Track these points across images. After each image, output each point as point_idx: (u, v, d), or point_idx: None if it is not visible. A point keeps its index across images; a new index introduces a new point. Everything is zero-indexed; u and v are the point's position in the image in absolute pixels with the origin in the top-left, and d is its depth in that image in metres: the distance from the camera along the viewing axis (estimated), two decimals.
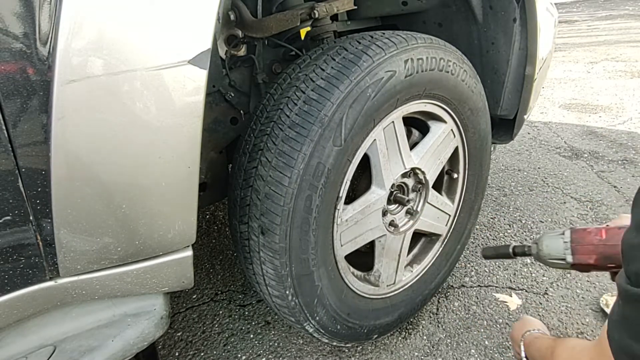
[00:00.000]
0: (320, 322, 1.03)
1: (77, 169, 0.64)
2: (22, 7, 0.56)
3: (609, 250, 0.76)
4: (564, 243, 0.83)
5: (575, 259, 0.81)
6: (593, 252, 0.79)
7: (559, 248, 0.84)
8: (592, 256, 0.79)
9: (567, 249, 0.82)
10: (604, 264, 0.78)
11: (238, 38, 1.15)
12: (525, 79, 1.32)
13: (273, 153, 0.88)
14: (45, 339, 0.77)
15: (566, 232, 0.84)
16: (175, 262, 0.80)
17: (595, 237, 0.79)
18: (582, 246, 0.80)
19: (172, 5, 0.63)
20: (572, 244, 0.81)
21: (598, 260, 0.78)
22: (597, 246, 0.78)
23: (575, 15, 9.60)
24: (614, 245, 0.75)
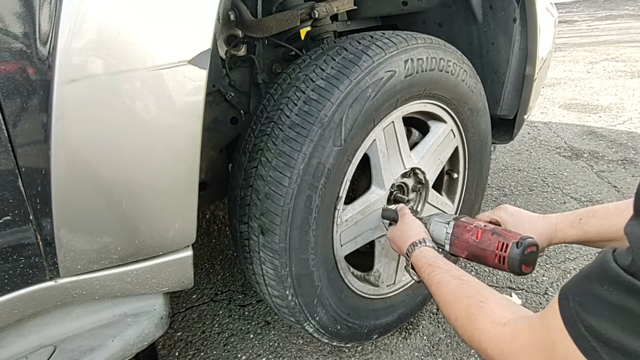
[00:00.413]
0: (320, 322, 1.03)
1: (77, 169, 0.64)
2: (22, 7, 0.57)
3: (478, 252, 0.85)
4: (446, 233, 0.92)
5: (451, 250, 0.91)
6: (465, 249, 0.88)
7: (440, 235, 0.93)
8: (464, 252, 0.88)
9: (447, 240, 0.91)
10: (472, 260, 0.89)
11: (238, 38, 1.15)
12: (525, 79, 1.32)
13: (273, 153, 0.88)
14: (45, 339, 0.77)
15: (451, 222, 0.92)
16: (175, 262, 0.80)
17: (471, 236, 0.87)
18: (459, 241, 0.89)
19: (172, 5, 0.63)
20: (452, 236, 0.90)
21: (468, 257, 0.88)
22: (470, 245, 0.87)
23: (575, 15, 9.60)
24: (483, 249, 0.84)
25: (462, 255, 0.90)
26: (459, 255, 0.91)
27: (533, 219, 0.88)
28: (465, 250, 0.88)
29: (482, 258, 0.85)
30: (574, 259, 1.58)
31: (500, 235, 0.83)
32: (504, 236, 0.82)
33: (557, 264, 1.55)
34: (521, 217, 0.89)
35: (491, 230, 0.85)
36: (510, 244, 0.79)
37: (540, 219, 0.87)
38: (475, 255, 0.87)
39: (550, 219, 0.86)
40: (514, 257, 0.79)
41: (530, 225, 0.86)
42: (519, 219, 0.89)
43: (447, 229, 0.92)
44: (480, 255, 0.85)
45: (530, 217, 0.89)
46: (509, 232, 0.83)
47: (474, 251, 0.86)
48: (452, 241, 0.91)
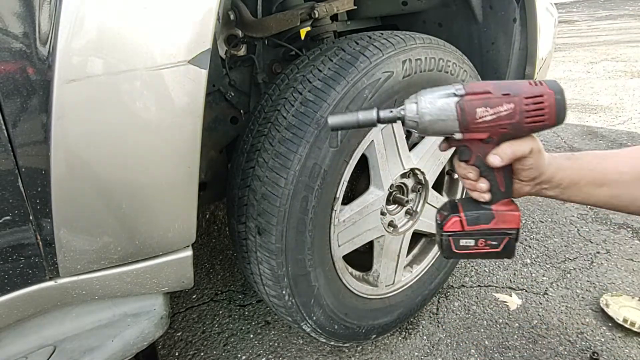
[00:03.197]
0: (318, 321, 1.03)
1: (77, 169, 0.64)
2: (22, 7, 0.57)
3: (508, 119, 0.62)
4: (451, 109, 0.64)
5: (466, 134, 0.65)
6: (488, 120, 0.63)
7: (447, 112, 0.64)
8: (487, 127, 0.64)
9: (455, 116, 0.63)
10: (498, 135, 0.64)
11: (238, 38, 1.15)
12: (525, 79, 1.32)
13: (270, 154, 0.88)
14: (45, 339, 0.77)
15: (451, 97, 0.67)
16: (175, 262, 0.80)
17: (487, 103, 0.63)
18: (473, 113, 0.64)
19: (172, 5, 0.63)
20: (462, 112, 0.63)
21: (493, 133, 0.65)
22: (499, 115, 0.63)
23: (575, 15, 9.60)
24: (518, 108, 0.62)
25: (482, 132, 0.63)
26: (476, 136, 0.64)
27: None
28: (488, 124, 0.62)
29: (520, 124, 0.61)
30: (574, 259, 1.58)
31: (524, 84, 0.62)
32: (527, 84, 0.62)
33: (557, 264, 1.56)
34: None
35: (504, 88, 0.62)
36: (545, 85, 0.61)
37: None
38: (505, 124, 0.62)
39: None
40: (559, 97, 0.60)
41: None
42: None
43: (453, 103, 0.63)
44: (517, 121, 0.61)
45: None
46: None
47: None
48: (467, 121, 0.62)
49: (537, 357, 1.18)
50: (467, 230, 0.70)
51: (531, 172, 0.67)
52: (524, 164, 0.66)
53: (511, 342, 1.23)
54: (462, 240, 0.71)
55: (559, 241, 1.70)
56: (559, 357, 1.17)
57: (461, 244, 0.71)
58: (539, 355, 1.18)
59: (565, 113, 0.63)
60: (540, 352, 1.19)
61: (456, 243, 0.71)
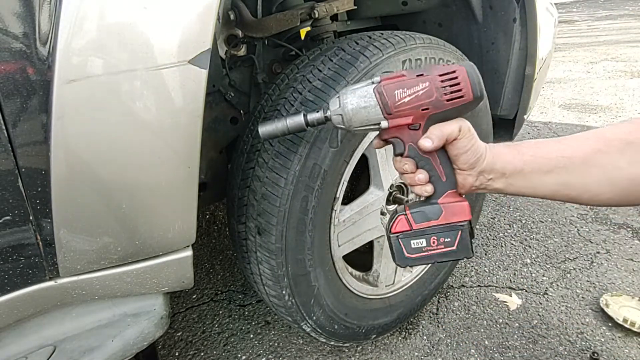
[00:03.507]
0: (318, 321, 1.03)
1: (77, 169, 0.64)
2: (22, 7, 0.57)
3: (426, 99, 0.63)
4: (371, 99, 0.66)
5: (391, 121, 0.65)
6: (407, 107, 0.64)
7: (366, 104, 0.65)
8: (408, 113, 0.65)
9: (375, 104, 0.65)
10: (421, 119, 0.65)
11: (238, 38, 1.15)
12: (525, 79, 1.32)
13: (269, 154, 0.88)
14: (45, 339, 0.77)
15: (369, 86, 0.67)
16: (175, 262, 0.80)
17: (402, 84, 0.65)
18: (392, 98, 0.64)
19: (172, 5, 0.63)
20: (381, 100, 0.65)
21: (415, 118, 0.65)
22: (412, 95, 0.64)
23: (575, 15, 9.61)
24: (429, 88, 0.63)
25: (405, 116, 0.64)
26: (400, 122, 0.64)
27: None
28: (409, 106, 0.63)
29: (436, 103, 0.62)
30: (574, 259, 1.58)
31: (437, 67, 0.64)
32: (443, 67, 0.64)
33: (557, 264, 1.56)
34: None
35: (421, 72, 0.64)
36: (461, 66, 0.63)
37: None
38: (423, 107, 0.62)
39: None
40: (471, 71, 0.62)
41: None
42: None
43: (370, 92, 0.64)
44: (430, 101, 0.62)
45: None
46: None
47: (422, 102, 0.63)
48: (387, 105, 0.63)
49: (537, 357, 1.18)
50: (415, 229, 0.67)
51: (468, 157, 0.65)
52: (458, 146, 0.65)
53: (511, 342, 1.23)
54: (413, 242, 0.68)
55: (559, 241, 1.70)
56: (559, 357, 1.17)
57: (413, 246, 0.68)
58: (539, 355, 1.18)
59: (480, 86, 0.63)
60: (540, 352, 1.19)
61: (407, 246, 0.68)
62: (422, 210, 0.67)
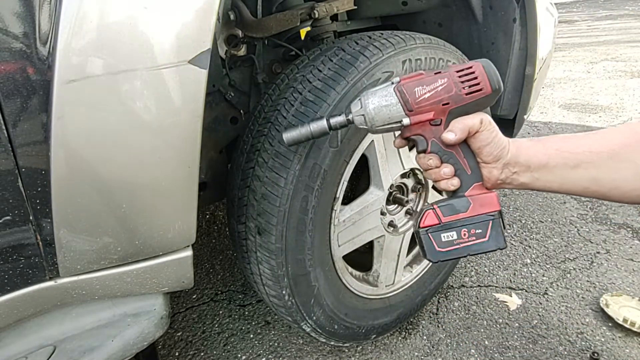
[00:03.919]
0: (318, 321, 1.03)
1: (77, 169, 0.64)
2: (22, 7, 0.57)
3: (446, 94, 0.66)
4: (393, 99, 0.68)
5: (413, 118, 0.67)
6: (429, 103, 0.67)
7: (389, 105, 0.68)
8: (430, 109, 0.67)
9: (399, 103, 0.67)
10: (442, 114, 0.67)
11: (238, 38, 1.15)
12: (525, 79, 1.32)
13: (270, 154, 0.88)
14: (45, 339, 0.77)
15: (389, 86, 0.70)
16: (175, 262, 0.80)
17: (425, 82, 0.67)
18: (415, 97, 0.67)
19: (172, 5, 0.63)
20: (403, 97, 0.68)
21: (437, 114, 0.67)
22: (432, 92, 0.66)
23: (575, 15, 9.61)
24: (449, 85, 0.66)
25: (427, 112, 0.66)
26: (422, 118, 0.66)
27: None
28: (429, 101, 0.65)
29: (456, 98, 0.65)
30: (574, 259, 1.58)
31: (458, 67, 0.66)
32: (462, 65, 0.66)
33: (557, 264, 1.56)
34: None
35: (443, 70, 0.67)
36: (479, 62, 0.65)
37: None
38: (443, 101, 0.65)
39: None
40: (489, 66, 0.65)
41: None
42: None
43: (392, 92, 0.67)
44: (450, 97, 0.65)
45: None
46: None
47: (441, 97, 0.65)
48: (408, 102, 0.65)
49: (537, 357, 1.18)
50: (444, 223, 0.67)
51: (491, 148, 0.65)
52: (480, 139, 0.65)
53: (511, 342, 1.23)
54: (444, 235, 0.67)
55: (559, 241, 1.70)
56: (559, 357, 1.17)
57: (443, 240, 0.67)
58: (539, 355, 1.18)
59: (497, 78, 0.65)
60: (540, 352, 1.19)
61: (437, 239, 0.67)
62: (450, 203, 0.67)
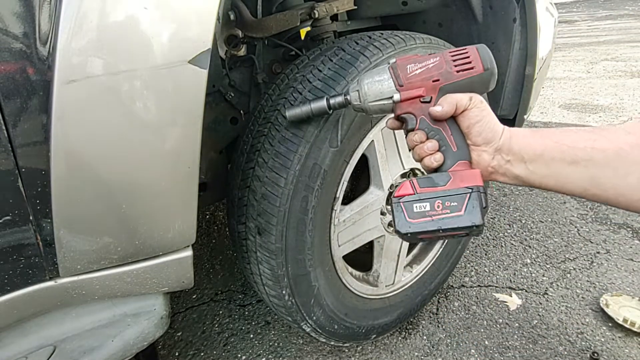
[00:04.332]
0: (318, 321, 1.03)
1: (77, 169, 0.64)
2: (22, 7, 0.57)
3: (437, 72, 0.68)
4: (387, 77, 0.71)
5: (403, 94, 0.69)
6: (420, 80, 0.69)
7: (381, 84, 0.70)
8: (420, 85, 0.68)
9: (393, 82, 0.70)
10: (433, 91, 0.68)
11: (238, 38, 1.15)
12: (525, 79, 1.32)
13: (270, 154, 0.88)
14: (45, 339, 0.77)
15: (385, 66, 0.73)
16: (175, 262, 0.80)
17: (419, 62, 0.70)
18: (409, 76, 0.69)
19: (172, 5, 0.63)
20: (396, 75, 0.70)
21: (428, 90, 0.68)
22: (425, 70, 0.68)
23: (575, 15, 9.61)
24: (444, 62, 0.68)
25: (417, 88, 0.67)
26: (412, 94, 0.67)
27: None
28: (420, 77, 0.67)
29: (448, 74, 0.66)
30: (574, 259, 1.58)
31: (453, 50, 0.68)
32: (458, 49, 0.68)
33: (557, 264, 1.56)
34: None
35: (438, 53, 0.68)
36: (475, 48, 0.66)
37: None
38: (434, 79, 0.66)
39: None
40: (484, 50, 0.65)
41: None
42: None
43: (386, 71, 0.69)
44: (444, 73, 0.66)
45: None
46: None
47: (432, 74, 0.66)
48: (399, 77, 0.68)
49: (537, 357, 1.18)
50: (419, 193, 0.63)
51: (480, 128, 0.62)
52: (469, 116, 0.63)
53: (511, 342, 1.23)
54: (416, 205, 0.63)
55: (559, 241, 1.70)
56: (559, 357, 1.17)
57: (415, 210, 0.63)
58: (539, 355, 1.18)
59: (490, 59, 0.65)
60: (540, 352, 1.19)
61: (409, 210, 0.63)
62: (430, 177, 0.64)
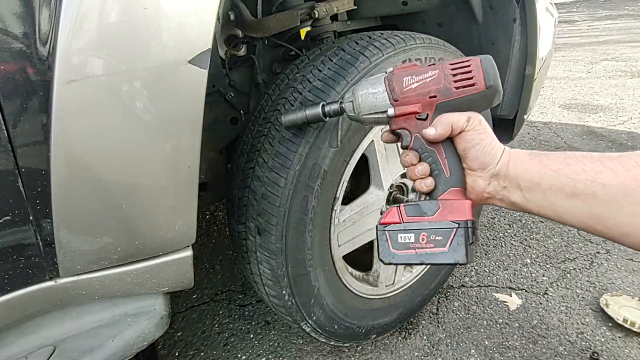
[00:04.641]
0: (318, 321, 1.03)
1: (77, 169, 0.64)
2: (22, 7, 0.57)
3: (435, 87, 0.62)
4: (382, 89, 0.66)
5: (398, 109, 0.64)
6: (416, 94, 0.63)
7: (376, 96, 0.65)
8: (416, 100, 0.63)
9: (387, 94, 0.65)
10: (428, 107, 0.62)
11: (238, 38, 1.15)
12: (525, 79, 1.32)
13: (269, 154, 0.88)
14: (45, 339, 0.77)
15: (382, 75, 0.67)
16: (175, 262, 0.80)
17: (416, 73, 0.64)
18: (404, 88, 0.64)
19: (172, 5, 0.63)
20: (391, 88, 0.65)
21: (424, 106, 0.63)
22: (422, 84, 0.63)
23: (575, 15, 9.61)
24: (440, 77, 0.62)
25: (412, 103, 0.62)
26: (407, 110, 0.62)
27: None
28: (416, 92, 0.61)
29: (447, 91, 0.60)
30: (574, 259, 1.58)
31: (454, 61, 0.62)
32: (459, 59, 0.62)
33: (557, 264, 1.55)
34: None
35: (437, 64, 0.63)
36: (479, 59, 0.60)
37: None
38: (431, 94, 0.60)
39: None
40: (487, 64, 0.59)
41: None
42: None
43: (383, 83, 0.64)
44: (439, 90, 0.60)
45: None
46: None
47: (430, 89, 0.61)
48: (394, 91, 0.63)
49: (537, 357, 1.18)
50: (405, 222, 0.60)
51: (477, 152, 0.58)
52: (466, 139, 0.59)
53: (511, 342, 1.23)
54: (401, 236, 0.60)
55: (559, 241, 1.70)
56: (559, 357, 1.17)
57: (399, 241, 0.60)
58: (539, 355, 1.18)
59: (494, 75, 0.59)
60: (540, 352, 1.19)
61: (394, 239, 0.61)
62: (418, 204, 0.61)
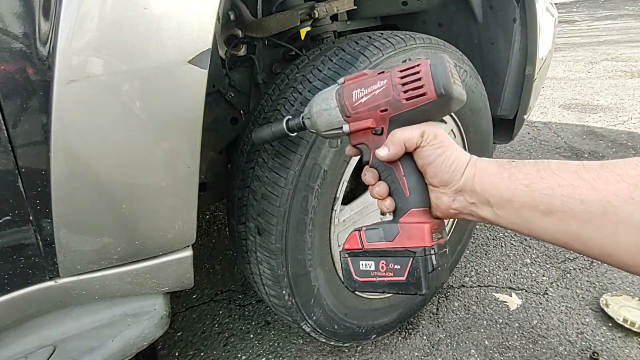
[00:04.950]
0: (318, 321, 1.03)
1: (77, 169, 0.64)
2: (22, 7, 0.57)
3: (381, 96, 0.56)
4: (334, 102, 0.62)
5: (352, 123, 0.60)
6: (366, 105, 0.58)
7: (329, 111, 0.61)
8: (366, 110, 0.58)
9: (337, 107, 0.61)
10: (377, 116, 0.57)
11: (238, 38, 1.15)
12: (525, 79, 1.32)
13: (269, 154, 0.88)
14: (45, 339, 0.77)
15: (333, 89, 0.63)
16: (175, 262, 0.80)
17: (363, 85, 0.59)
18: (353, 102, 0.59)
19: (172, 6, 0.63)
20: (340, 102, 0.61)
21: (373, 115, 0.58)
22: (370, 95, 0.58)
23: (575, 15, 9.62)
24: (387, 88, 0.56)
25: (365, 119, 0.57)
26: (361, 125, 0.58)
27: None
28: (366, 107, 0.57)
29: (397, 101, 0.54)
30: (574, 259, 1.58)
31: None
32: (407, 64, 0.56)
33: (557, 264, 1.55)
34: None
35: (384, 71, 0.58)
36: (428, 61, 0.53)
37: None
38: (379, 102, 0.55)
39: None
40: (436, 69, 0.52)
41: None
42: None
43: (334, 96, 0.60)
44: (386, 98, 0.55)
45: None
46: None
47: (377, 96, 0.56)
48: (345, 107, 0.58)
49: (537, 357, 1.18)
50: (366, 249, 0.57)
51: (436, 169, 0.53)
52: (422, 156, 0.54)
53: (511, 342, 1.23)
54: (363, 263, 0.57)
55: None
56: (559, 357, 1.17)
57: (361, 268, 0.58)
58: (539, 355, 1.18)
59: (445, 81, 0.51)
60: (540, 352, 1.19)
61: (356, 266, 0.58)
62: (379, 228, 0.57)
